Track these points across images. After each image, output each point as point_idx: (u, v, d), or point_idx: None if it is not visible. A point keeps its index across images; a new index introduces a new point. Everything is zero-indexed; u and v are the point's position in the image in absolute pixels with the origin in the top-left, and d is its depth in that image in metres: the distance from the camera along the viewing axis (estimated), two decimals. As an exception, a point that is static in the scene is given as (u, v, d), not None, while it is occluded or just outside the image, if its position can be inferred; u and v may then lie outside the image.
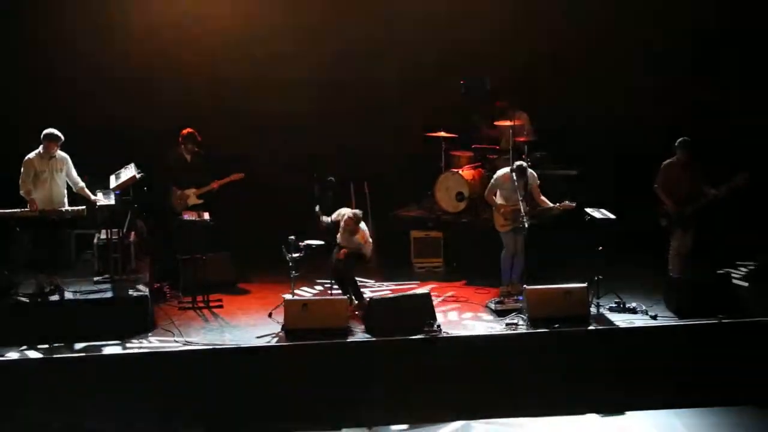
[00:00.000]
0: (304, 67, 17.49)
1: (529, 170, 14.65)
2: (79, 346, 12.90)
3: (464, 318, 14.00)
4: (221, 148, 16.00)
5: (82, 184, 14.17)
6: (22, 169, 13.81)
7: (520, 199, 14.24)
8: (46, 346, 12.86)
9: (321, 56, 17.54)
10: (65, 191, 14.06)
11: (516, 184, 14.31)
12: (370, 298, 13.86)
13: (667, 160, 14.64)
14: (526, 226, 14.02)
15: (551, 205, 14.48)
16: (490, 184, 14.87)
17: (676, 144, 14.54)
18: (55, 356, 12.61)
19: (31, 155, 13.85)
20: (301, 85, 17.43)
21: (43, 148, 13.80)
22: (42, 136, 13.77)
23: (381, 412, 12.65)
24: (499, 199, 14.63)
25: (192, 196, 15.21)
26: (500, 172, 14.80)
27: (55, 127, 13.88)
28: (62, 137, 13.82)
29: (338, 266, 14.28)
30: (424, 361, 12.96)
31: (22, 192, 13.77)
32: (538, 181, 14.66)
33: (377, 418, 12.58)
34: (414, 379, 12.84)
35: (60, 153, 13.93)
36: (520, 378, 12.94)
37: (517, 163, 14.67)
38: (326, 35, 17.54)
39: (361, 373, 12.86)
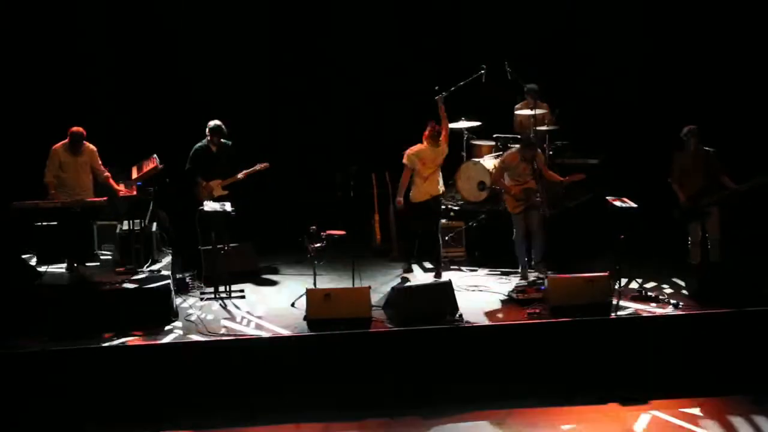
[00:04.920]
0: (326, 56, 17.55)
1: (537, 151, 14.79)
2: (102, 336, 12.91)
3: (486, 307, 13.98)
4: (245, 139, 16.01)
5: (107, 174, 14.26)
6: (48, 158, 13.95)
7: (531, 177, 14.43)
8: (69, 337, 12.89)
9: (339, 45, 17.60)
10: (91, 183, 14.16)
11: (524, 158, 14.43)
12: (392, 287, 13.85)
13: (679, 152, 14.58)
14: (547, 214, 14.13)
15: (561, 179, 14.55)
16: (496, 167, 14.94)
17: (682, 133, 14.48)
18: (78, 347, 12.63)
19: (58, 145, 14.02)
20: (323, 74, 17.49)
21: (69, 143, 13.91)
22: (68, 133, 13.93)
23: (404, 402, 12.65)
24: (507, 181, 14.69)
25: (217, 187, 15.24)
26: (507, 153, 14.91)
27: (79, 117, 14.06)
28: (84, 134, 13.95)
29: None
30: (447, 351, 12.96)
31: (45, 180, 13.88)
32: (543, 157, 14.83)
33: (400, 408, 12.58)
34: (436, 369, 12.83)
35: (87, 145, 14.07)
36: (543, 367, 12.93)
37: (523, 136, 14.81)
38: (346, 25, 17.60)
39: (383, 363, 12.86)
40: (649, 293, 14.01)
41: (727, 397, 12.74)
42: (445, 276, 14.77)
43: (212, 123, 15.17)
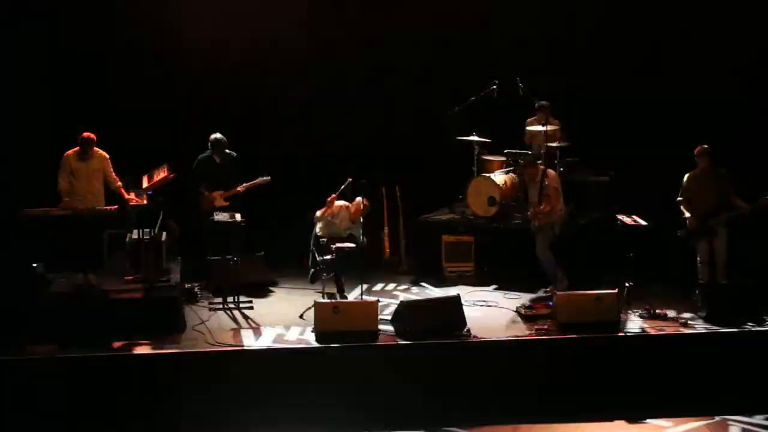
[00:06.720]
0: (336, 70, 17.60)
1: (550, 171, 14.76)
2: (110, 344, 12.92)
3: (494, 322, 13.99)
4: (254, 149, 16.05)
5: (119, 183, 14.31)
6: (60, 165, 14.02)
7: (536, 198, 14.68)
8: (77, 344, 12.90)
9: (354, 58, 17.66)
10: (102, 190, 14.20)
11: (522, 176, 14.62)
12: (400, 301, 13.87)
13: (689, 172, 14.56)
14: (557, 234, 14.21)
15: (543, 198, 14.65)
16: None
17: (695, 153, 14.47)
18: (86, 355, 12.63)
19: (70, 152, 14.10)
20: (334, 88, 17.54)
21: (79, 149, 13.97)
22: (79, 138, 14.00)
23: (410, 416, 12.63)
24: None
25: (219, 198, 15.27)
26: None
27: (90, 125, 14.09)
28: (95, 139, 14.01)
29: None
30: (454, 365, 12.96)
31: (59, 188, 13.96)
32: (554, 185, 14.77)
33: (406, 421, 12.57)
34: (442, 383, 12.83)
35: (99, 152, 14.11)
36: (549, 383, 12.92)
37: (531, 153, 14.94)
38: (360, 36, 17.66)
39: (390, 377, 12.85)
40: (657, 311, 13.98)
41: (733, 416, 12.72)
42: (453, 291, 14.78)
43: (213, 136, 15.23)
